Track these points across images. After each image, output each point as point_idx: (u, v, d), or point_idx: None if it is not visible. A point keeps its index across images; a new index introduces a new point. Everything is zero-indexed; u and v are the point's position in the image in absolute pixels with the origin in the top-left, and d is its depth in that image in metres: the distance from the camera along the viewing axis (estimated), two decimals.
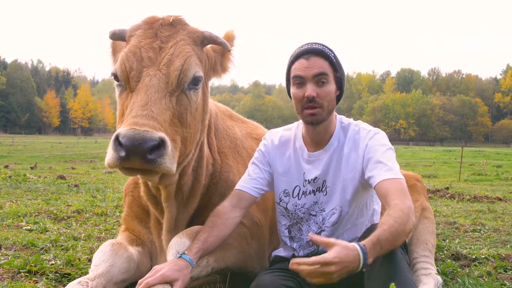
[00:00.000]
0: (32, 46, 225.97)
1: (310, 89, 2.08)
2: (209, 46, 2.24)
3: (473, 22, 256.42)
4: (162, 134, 1.77)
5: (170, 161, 1.80)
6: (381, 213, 2.45)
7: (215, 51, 2.30)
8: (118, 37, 2.14)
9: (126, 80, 1.97)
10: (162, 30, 2.04)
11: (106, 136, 70.17)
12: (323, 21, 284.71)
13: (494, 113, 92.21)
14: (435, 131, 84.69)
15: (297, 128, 2.36)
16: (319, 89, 2.09)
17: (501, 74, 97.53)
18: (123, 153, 1.70)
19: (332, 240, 1.61)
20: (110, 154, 1.75)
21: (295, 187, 2.28)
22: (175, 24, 2.08)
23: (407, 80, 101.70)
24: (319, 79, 2.09)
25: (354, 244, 1.61)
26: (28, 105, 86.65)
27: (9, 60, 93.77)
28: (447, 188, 9.36)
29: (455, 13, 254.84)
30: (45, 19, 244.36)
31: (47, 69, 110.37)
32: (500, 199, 7.64)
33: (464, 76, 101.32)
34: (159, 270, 1.88)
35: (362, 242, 1.64)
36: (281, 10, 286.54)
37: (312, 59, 2.11)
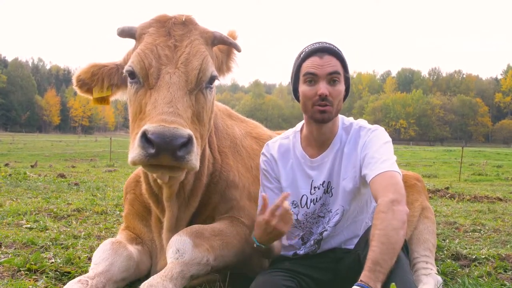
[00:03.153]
0: (33, 44, 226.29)
1: (323, 87, 2.06)
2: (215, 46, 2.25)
3: (474, 22, 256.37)
4: (190, 131, 1.77)
5: (195, 158, 1.80)
6: None
7: (221, 51, 2.32)
8: (127, 34, 2.13)
9: (145, 77, 1.96)
10: (175, 28, 2.04)
11: (106, 134, 70.16)
12: (323, 21, 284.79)
13: (495, 113, 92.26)
14: (435, 131, 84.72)
15: (294, 136, 2.32)
16: (331, 87, 2.08)
17: (501, 74, 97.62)
18: (152, 150, 1.69)
19: None
20: (136, 151, 1.73)
21: (302, 197, 2.26)
22: (187, 24, 2.08)
23: (407, 80, 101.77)
24: (332, 77, 2.08)
25: None
26: (29, 104, 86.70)
27: (9, 59, 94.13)
28: (447, 188, 9.35)
29: (455, 13, 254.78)
30: (46, 17, 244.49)
31: (47, 67, 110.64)
32: (500, 199, 7.63)
33: (464, 76, 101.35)
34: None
35: (362, 278, 1.63)
36: (281, 9, 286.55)
37: (325, 57, 2.09)
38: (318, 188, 2.22)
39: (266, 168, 2.32)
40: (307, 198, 2.24)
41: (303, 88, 2.13)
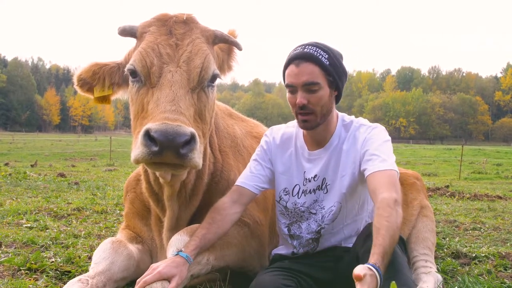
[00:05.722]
0: (33, 43, 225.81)
1: (300, 97, 2.07)
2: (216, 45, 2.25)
3: (473, 21, 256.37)
4: (192, 129, 1.77)
5: (198, 156, 1.81)
6: None
7: (222, 50, 2.32)
8: (128, 33, 2.13)
9: (147, 76, 1.96)
10: (176, 27, 2.04)
11: (106, 134, 70.13)
12: (323, 19, 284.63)
13: (494, 112, 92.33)
14: (435, 129, 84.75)
15: (298, 126, 2.36)
16: (310, 95, 2.07)
17: (501, 73, 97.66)
18: (155, 148, 1.70)
19: (361, 272, 1.56)
20: (139, 150, 1.74)
21: (295, 186, 2.28)
22: (188, 22, 2.09)
23: (407, 78, 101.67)
24: (308, 87, 2.07)
25: (372, 268, 1.59)
26: (29, 103, 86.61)
27: (9, 58, 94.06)
28: (447, 187, 9.36)
29: (455, 11, 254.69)
30: (46, 16, 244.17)
31: (47, 66, 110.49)
32: (500, 198, 7.64)
33: (464, 74, 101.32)
34: (156, 268, 1.88)
35: (374, 261, 1.63)
36: (281, 8, 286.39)
37: (301, 65, 2.06)
38: (309, 181, 2.24)
39: (265, 147, 2.37)
40: (299, 188, 2.27)
41: (287, 95, 2.17)
